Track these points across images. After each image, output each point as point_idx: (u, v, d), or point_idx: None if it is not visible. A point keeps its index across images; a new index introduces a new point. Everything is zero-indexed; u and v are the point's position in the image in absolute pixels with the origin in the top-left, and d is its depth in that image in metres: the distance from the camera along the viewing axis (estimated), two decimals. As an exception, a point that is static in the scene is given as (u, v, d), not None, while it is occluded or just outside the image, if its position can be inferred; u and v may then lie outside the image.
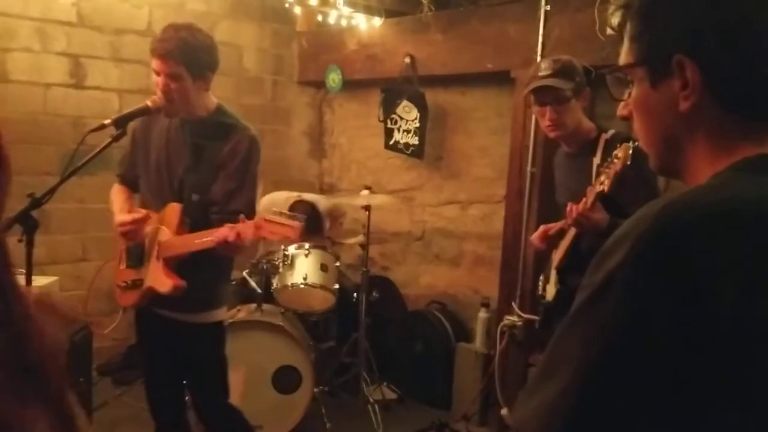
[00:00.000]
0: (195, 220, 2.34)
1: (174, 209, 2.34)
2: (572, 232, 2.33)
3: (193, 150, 2.37)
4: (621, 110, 0.91)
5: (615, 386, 0.67)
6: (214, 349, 2.56)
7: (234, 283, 3.74)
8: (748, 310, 0.64)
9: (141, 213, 2.35)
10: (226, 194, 2.35)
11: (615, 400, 0.67)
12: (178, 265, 2.31)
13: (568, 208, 2.21)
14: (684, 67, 0.75)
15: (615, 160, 2.00)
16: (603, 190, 2.03)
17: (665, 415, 0.66)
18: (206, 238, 2.18)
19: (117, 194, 2.59)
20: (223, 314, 2.58)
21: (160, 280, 2.30)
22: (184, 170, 2.38)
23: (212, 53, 2.32)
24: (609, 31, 0.87)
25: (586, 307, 0.71)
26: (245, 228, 2.12)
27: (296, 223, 2.08)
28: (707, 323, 0.64)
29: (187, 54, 2.22)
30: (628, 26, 0.82)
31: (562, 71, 2.36)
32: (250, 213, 2.41)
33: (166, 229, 2.34)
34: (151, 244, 2.38)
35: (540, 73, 2.40)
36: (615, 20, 0.84)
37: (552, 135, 2.48)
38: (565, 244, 2.40)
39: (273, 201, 4.06)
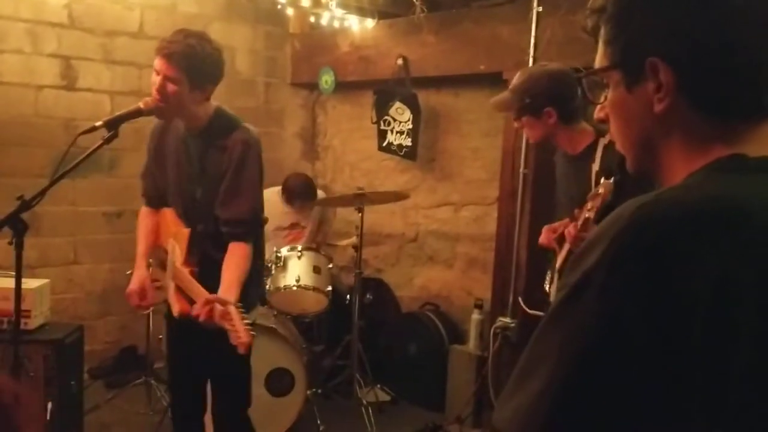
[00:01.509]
0: (201, 250, 2.31)
1: (184, 237, 2.30)
2: None
3: (199, 165, 2.34)
4: (597, 113, 0.92)
5: (592, 386, 0.67)
6: (235, 355, 2.49)
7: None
8: (722, 309, 0.64)
9: (146, 304, 2.40)
10: (225, 204, 2.30)
11: (592, 400, 0.67)
12: (204, 270, 2.27)
13: (565, 231, 2.22)
14: (657, 69, 0.76)
15: (598, 193, 2.02)
16: (589, 218, 2.06)
17: (642, 415, 0.66)
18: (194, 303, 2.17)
19: (141, 226, 2.54)
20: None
21: (173, 299, 2.32)
22: (193, 189, 2.35)
23: (217, 66, 2.27)
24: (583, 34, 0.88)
25: (563, 308, 0.72)
26: (218, 313, 2.05)
27: (246, 338, 1.98)
28: (683, 323, 0.64)
29: (190, 61, 2.18)
30: (602, 30, 0.83)
31: (518, 88, 2.37)
32: (253, 221, 2.35)
33: (178, 252, 2.29)
34: (170, 256, 2.37)
35: (510, 84, 2.44)
36: (589, 24, 0.85)
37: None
38: (566, 248, 2.40)
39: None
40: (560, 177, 2.63)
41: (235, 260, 2.26)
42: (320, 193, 4.44)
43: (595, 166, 2.33)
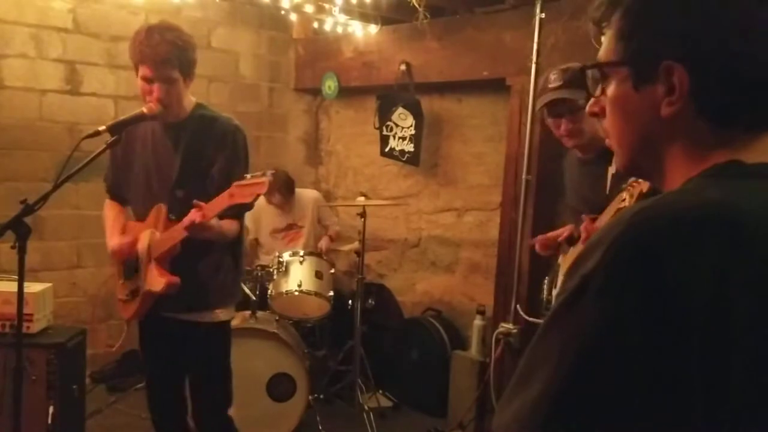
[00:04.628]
0: (181, 216, 2.26)
1: (159, 209, 2.34)
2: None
3: (182, 153, 2.34)
4: (591, 107, 0.88)
5: (591, 388, 0.67)
6: (215, 351, 2.48)
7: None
8: (719, 313, 0.64)
9: (128, 238, 2.39)
10: (221, 187, 2.25)
11: (591, 402, 0.67)
12: (175, 262, 2.29)
13: (584, 235, 2.18)
14: (672, 73, 0.75)
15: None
16: (622, 208, 2.01)
17: (641, 417, 0.66)
18: (181, 227, 2.18)
19: (108, 211, 2.57)
20: (225, 315, 2.47)
21: (154, 280, 2.29)
22: (174, 181, 2.34)
23: (195, 49, 2.31)
24: (591, 26, 0.85)
25: (561, 312, 0.72)
26: (217, 201, 2.09)
27: (264, 179, 2.05)
28: (680, 324, 0.65)
29: (180, 56, 2.21)
30: (616, 23, 0.80)
31: (573, 80, 2.29)
32: (244, 203, 2.32)
33: (156, 231, 2.33)
34: (143, 250, 2.38)
35: (550, 85, 2.34)
36: (598, 14, 0.82)
37: (569, 144, 2.42)
38: (574, 250, 2.37)
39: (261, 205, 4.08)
40: (572, 180, 2.59)
41: (225, 221, 2.28)
42: (320, 195, 4.47)
43: (612, 169, 2.30)
